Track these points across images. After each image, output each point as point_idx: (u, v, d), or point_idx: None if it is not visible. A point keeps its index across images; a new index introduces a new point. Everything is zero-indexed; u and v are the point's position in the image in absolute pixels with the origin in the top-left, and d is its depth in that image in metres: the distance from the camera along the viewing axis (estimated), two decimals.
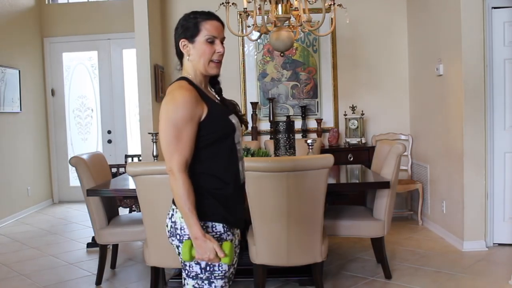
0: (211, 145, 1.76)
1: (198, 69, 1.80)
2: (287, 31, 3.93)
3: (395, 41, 5.80)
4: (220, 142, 1.77)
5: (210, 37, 1.77)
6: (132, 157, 5.93)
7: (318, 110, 5.86)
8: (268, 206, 2.99)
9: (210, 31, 1.77)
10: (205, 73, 1.81)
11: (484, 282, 3.52)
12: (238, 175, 1.84)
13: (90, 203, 3.66)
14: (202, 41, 1.77)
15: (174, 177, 1.68)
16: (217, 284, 1.76)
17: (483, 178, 4.27)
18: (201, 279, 1.75)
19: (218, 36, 1.79)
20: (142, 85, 5.29)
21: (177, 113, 1.68)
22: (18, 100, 6.31)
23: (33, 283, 3.82)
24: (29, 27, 6.84)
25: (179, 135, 1.68)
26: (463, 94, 4.23)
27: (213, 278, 1.75)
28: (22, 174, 6.41)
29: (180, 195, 1.67)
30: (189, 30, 1.78)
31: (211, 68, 1.80)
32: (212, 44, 1.78)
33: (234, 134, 1.82)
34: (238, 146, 1.84)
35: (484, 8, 4.20)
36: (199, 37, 1.77)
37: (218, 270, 1.75)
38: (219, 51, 1.78)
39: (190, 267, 1.76)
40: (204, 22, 1.77)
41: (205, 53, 1.77)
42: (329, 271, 3.83)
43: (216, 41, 1.78)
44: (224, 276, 1.77)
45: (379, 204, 3.58)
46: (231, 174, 1.80)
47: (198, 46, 1.77)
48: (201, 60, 1.78)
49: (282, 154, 3.80)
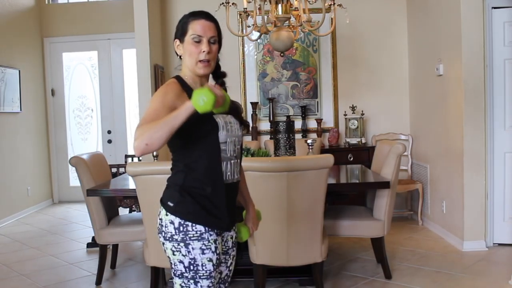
0: (191, 143, 1.74)
1: (189, 69, 1.82)
2: (287, 31, 3.93)
3: (395, 41, 5.80)
4: (199, 141, 1.75)
5: (195, 36, 1.77)
6: (132, 157, 5.92)
7: (318, 110, 5.86)
8: (268, 206, 2.98)
9: (195, 30, 1.77)
10: (195, 73, 1.81)
11: (484, 282, 3.52)
12: (221, 176, 1.79)
13: (90, 203, 3.66)
14: (189, 41, 1.78)
15: (141, 128, 1.55)
16: (203, 284, 1.75)
17: (483, 178, 4.27)
18: (186, 278, 1.75)
19: (205, 35, 1.78)
20: (142, 85, 5.30)
21: (164, 98, 1.69)
22: (18, 100, 6.31)
23: (33, 283, 3.82)
24: (29, 27, 6.84)
25: (158, 108, 1.65)
26: (463, 94, 4.23)
27: (198, 278, 1.74)
28: (22, 174, 6.41)
29: (152, 125, 1.54)
30: (179, 30, 1.82)
31: (198, 68, 1.79)
32: (199, 44, 1.78)
33: (218, 133, 1.77)
34: (224, 146, 1.79)
35: (484, 8, 4.20)
36: (186, 37, 1.79)
37: (202, 270, 1.74)
38: (204, 50, 1.77)
39: (175, 265, 1.76)
40: (192, 22, 1.79)
41: (192, 53, 1.78)
42: (329, 271, 3.83)
43: (202, 40, 1.77)
44: (210, 276, 1.75)
45: (379, 204, 3.58)
46: (212, 174, 1.78)
47: (186, 46, 1.79)
48: (190, 60, 1.79)
49: (282, 154, 3.80)
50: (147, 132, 1.52)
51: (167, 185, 1.85)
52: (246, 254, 3.24)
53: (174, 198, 1.77)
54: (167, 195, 1.81)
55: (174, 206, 1.76)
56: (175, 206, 1.75)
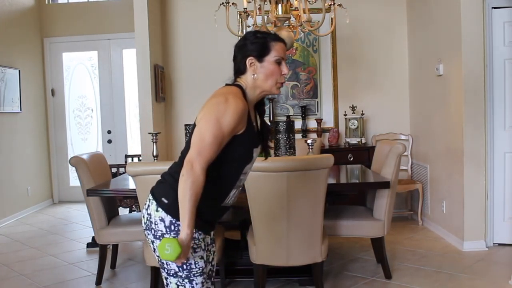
0: (223, 159, 1.75)
1: (261, 88, 1.81)
2: (287, 31, 3.93)
3: (395, 41, 5.80)
4: (229, 162, 1.77)
5: (278, 58, 1.80)
6: (132, 157, 5.93)
7: (318, 110, 5.86)
8: (268, 206, 2.99)
9: (279, 52, 1.80)
10: (269, 93, 1.83)
11: (484, 282, 3.52)
12: (223, 199, 1.84)
13: (90, 203, 3.65)
14: (271, 61, 1.79)
15: (192, 173, 1.63)
16: (198, 281, 1.78)
17: (483, 178, 4.27)
18: (180, 277, 1.77)
19: (284, 58, 1.82)
20: (142, 85, 5.30)
21: (225, 116, 1.67)
22: (18, 100, 6.31)
23: (33, 283, 3.82)
24: (29, 27, 6.84)
25: (217, 136, 1.67)
26: (463, 94, 4.23)
27: (192, 276, 1.77)
28: (22, 174, 6.41)
29: (191, 193, 1.63)
30: (260, 50, 1.80)
31: (276, 88, 1.82)
32: (279, 66, 1.80)
33: (246, 165, 1.83)
34: (243, 176, 1.85)
35: (484, 8, 4.20)
36: (269, 57, 1.79)
37: (196, 268, 1.77)
38: (285, 72, 1.82)
39: (168, 265, 1.77)
40: (274, 43, 1.80)
41: (274, 74, 1.80)
42: (329, 271, 3.83)
43: (283, 62, 1.81)
44: (203, 273, 1.79)
45: (379, 204, 3.58)
46: (219, 195, 1.82)
47: (267, 66, 1.79)
48: (269, 80, 1.80)
49: (282, 154, 3.80)
50: (188, 183, 1.63)
51: (163, 180, 1.84)
52: (246, 254, 3.25)
53: (169, 195, 1.76)
54: (162, 190, 1.79)
55: (169, 204, 1.75)
56: (170, 204, 1.75)
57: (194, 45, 5.84)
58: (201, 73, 5.79)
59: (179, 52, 5.88)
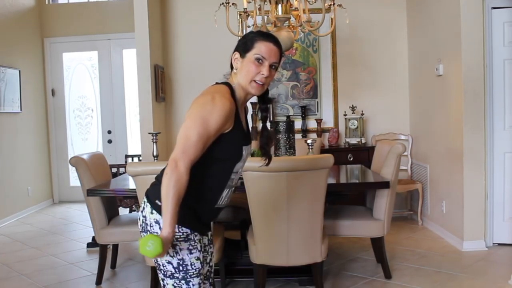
0: (210, 158, 1.74)
1: (240, 84, 1.80)
2: (287, 31, 3.93)
3: (395, 41, 5.80)
4: (217, 162, 1.77)
5: (259, 57, 1.76)
6: (132, 157, 5.93)
7: (318, 110, 5.86)
8: (268, 206, 2.99)
9: (261, 51, 1.76)
10: (245, 90, 1.80)
11: (484, 282, 3.52)
12: (217, 200, 1.83)
13: (90, 203, 3.66)
14: (250, 59, 1.76)
15: (176, 171, 1.62)
16: (194, 282, 1.77)
17: (483, 178, 4.28)
18: (177, 278, 1.77)
19: (268, 59, 1.76)
20: (142, 85, 5.30)
21: (211, 116, 1.66)
22: (18, 100, 6.31)
23: (33, 283, 3.83)
24: (29, 27, 6.85)
25: (203, 135, 1.66)
26: (463, 94, 4.23)
27: (189, 277, 1.77)
28: (22, 174, 6.42)
29: (173, 191, 1.61)
30: (243, 45, 1.79)
31: (251, 87, 1.78)
32: (259, 65, 1.76)
33: (236, 163, 1.81)
34: (234, 175, 1.83)
35: (484, 8, 4.21)
36: (249, 54, 1.77)
37: (192, 269, 1.77)
38: (263, 73, 1.76)
39: (164, 266, 1.78)
40: (260, 42, 1.77)
41: (250, 71, 1.76)
42: (329, 271, 3.84)
43: (264, 62, 1.76)
44: (199, 274, 1.79)
45: (379, 204, 3.58)
46: (211, 195, 1.81)
47: (246, 63, 1.77)
48: (245, 77, 1.77)
49: (282, 154, 3.80)
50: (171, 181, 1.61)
51: (157, 182, 1.82)
52: (246, 254, 3.25)
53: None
54: (156, 192, 1.76)
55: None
56: None
57: (194, 45, 5.84)
58: (201, 73, 5.79)
59: (179, 52, 5.89)
